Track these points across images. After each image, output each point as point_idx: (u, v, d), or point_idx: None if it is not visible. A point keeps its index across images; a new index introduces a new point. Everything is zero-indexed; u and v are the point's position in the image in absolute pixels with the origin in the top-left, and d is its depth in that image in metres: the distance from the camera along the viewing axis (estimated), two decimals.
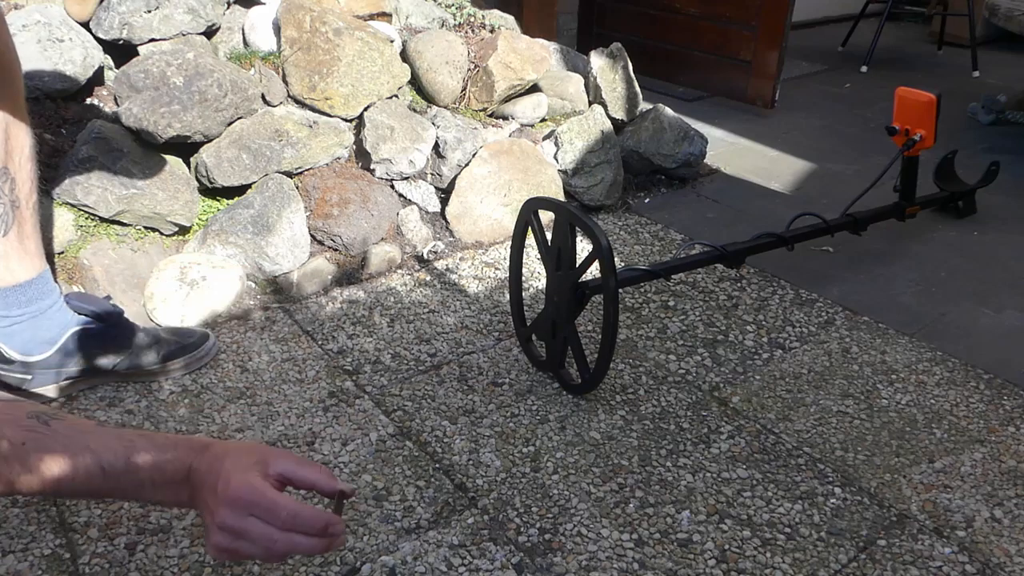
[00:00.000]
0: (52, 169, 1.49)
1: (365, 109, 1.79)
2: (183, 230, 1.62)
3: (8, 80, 1.14)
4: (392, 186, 1.82)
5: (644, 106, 2.25)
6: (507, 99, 2.01)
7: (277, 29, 1.82)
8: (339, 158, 1.77)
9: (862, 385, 1.41)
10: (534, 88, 2.08)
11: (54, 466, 0.80)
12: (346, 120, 1.80)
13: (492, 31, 2.10)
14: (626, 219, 2.02)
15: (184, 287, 1.48)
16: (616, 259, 1.75)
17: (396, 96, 1.87)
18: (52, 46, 1.57)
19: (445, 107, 1.95)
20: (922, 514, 1.14)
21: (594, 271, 1.27)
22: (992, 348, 1.52)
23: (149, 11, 1.67)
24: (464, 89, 1.97)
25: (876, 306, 1.65)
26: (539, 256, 1.46)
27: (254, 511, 0.81)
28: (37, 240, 1.23)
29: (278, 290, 1.61)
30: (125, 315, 1.34)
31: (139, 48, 1.69)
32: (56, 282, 1.31)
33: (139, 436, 0.87)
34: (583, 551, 1.06)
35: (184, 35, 1.73)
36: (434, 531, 1.08)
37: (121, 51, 1.72)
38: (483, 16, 2.21)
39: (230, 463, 0.83)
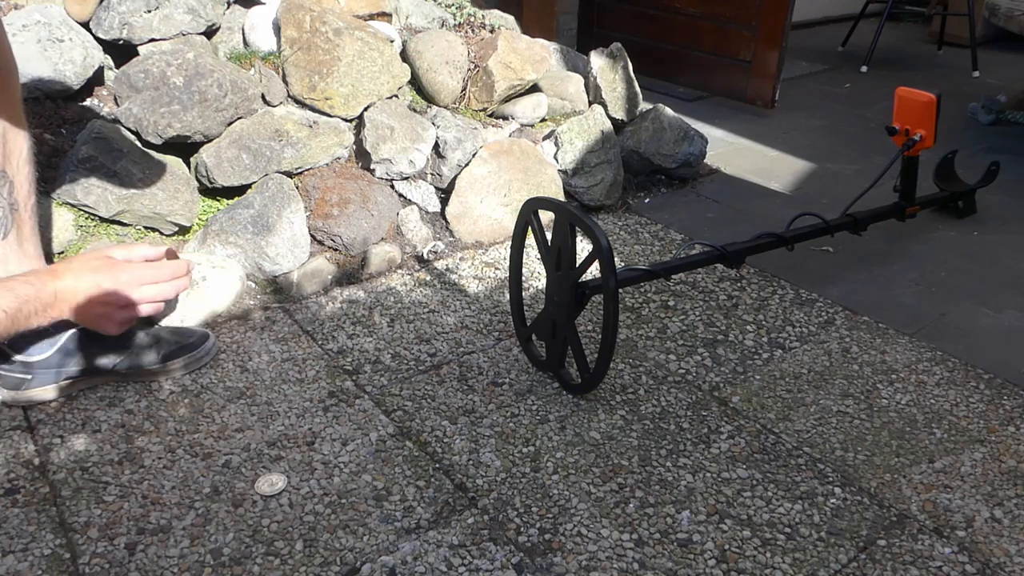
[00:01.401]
0: (52, 169, 1.49)
1: (365, 109, 1.79)
2: (183, 230, 1.62)
3: (5, 84, 1.14)
4: (392, 186, 1.82)
5: (644, 106, 2.25)
6: (507, 99, 2.01)
7: (277, 29, 1.82)
8: (339, 158, 1.77)
9: (862, 385, 1.41)
10: (534, 88, 2.08)
11: None
12: (346, 120, 1.80)
13: (492, 31, 2.10)
14: (626, 219, 2.02)
15: None
16: (616, 259, 1.75)
17: (396, 96, 1.87)
18: (52, 46, 1.57)
19: (445, 107, 1.95)
20: (922, 514, 1.14)
21: (594, 271, 1.27)
22: (992, 348, 1.52)
23: (149, 11, 1.67)
24: (464, 89, 1.97)
25: (876, 306, 1.65)
26: (539, 256, 1.46)
27: (144, 280, 1.20)
28: (36, 242, 1.23)
29: (278, 290, 1.61)
30: None
31: (139, 48, 1.69)
32: None
33: (10, 280, 1.10)
34: (583, 551, 1.06)
35: (184, 35, 1.73)
36: (434, 531, 1.08)
37: (121, 51, 1.72)
38: (483, 16, 2.21)
39: (89, 274, 1.15)
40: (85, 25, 1.67)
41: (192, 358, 1.36)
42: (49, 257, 1.44)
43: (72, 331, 1.26)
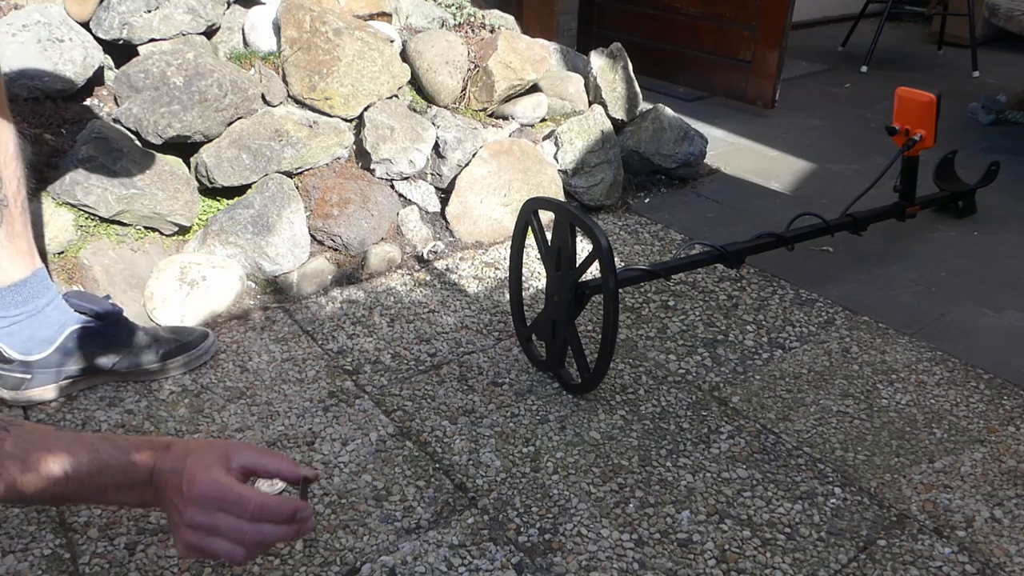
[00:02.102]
0: (52, 169, 1.49)
1: (365, 109, 1.79)
2: (183, 230, 1.62)
3: None
4: (392, 186, 1.82)
5: (644, 106, 2.25)
6: (507, 99, 2.01)
7: (277, 29, 1.82)
8: (339, 158, 1.77)
9: (862, 385, 1.41)
10: (534, 88, 2.08)
11: (15, 472, 0.80)
12: (346, 120, 1.80)
13: (492, 31, 2.10)
14: (626, 219, 2.02)
15: (184, 287, 1.48)
16: (616, 259, 1.75)
17: (396, 96, 1.87)
18: (52, 46, 1.57)
19: (445, 107, 1.95)
20: (922, 514, 1.14)
21: (594, 271, 1.27)
22: (992, 348, 1.52)
23: (149, 11, 1.67)
24: (464, 89, 1.97)
25: (876, 306, 1.65)
26: (539, 256, 1.46)
27: (222, 506, 0.82)
28: (28, 238, 1.22)
29: (278, 290, 1.61)
30: (124, 314, 1.33)
31: (139, 48, 1.69)
32: (53, 281, 1.31)
33: (100, 439, 0.88)
34: (583, 551, 1.06)
35: (184, 35, 1.73)
36: (434, 531, 1.08)
37: (121, 51, 1.72)
38: (483, 16, 2.21)
39: (193, 461, 0.84)
40: (85, 25, 1.67)
41: (191, 356, 1.36)
42: (45, 256, 1.43)
43: (71, 329, 1.26)
